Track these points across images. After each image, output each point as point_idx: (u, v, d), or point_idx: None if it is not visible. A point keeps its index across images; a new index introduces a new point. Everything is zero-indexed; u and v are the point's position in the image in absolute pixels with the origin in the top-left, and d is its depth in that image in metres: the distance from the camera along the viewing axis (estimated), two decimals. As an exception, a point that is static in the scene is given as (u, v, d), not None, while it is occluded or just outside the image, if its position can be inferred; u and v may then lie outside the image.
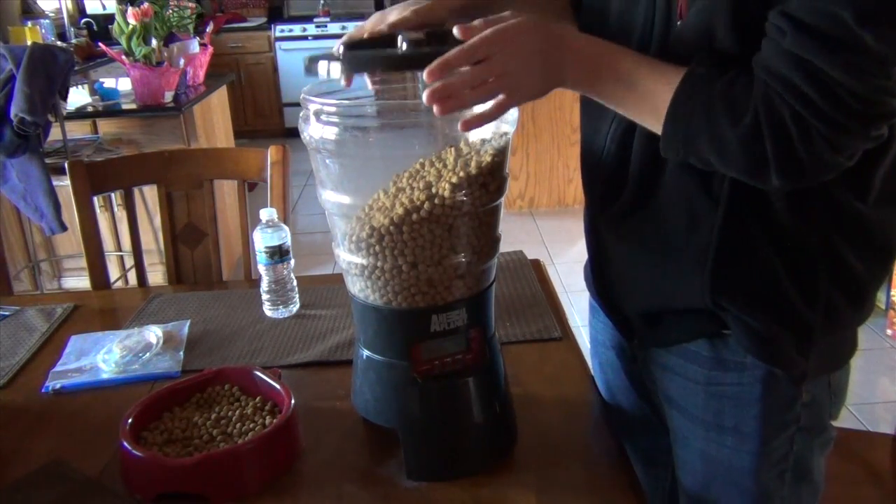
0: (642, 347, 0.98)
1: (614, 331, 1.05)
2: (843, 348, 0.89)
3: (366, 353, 0.91)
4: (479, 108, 0.75)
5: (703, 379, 0.89)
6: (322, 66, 0.81)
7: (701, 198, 0.81)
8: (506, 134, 0.86)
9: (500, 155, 0.85)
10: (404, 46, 0.81)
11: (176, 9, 3.36)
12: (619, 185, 0.89)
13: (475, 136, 0.85)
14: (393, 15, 0.91)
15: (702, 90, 0.73)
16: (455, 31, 0.76)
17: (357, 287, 0.89)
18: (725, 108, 0.72)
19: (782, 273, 0.81)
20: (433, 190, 0.81)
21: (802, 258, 0.81)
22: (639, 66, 0.77)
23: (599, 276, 1.00)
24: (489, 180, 0.84)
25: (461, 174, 0.81)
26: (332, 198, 0.87)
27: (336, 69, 0.80)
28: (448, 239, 0.83)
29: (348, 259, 0.87)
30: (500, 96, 0.75)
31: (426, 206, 0.80)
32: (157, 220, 1.79)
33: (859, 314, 0.87)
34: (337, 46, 0.87)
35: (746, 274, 0.82)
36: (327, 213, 0.90)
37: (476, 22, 0.76)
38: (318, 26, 5.98)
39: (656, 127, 0.77)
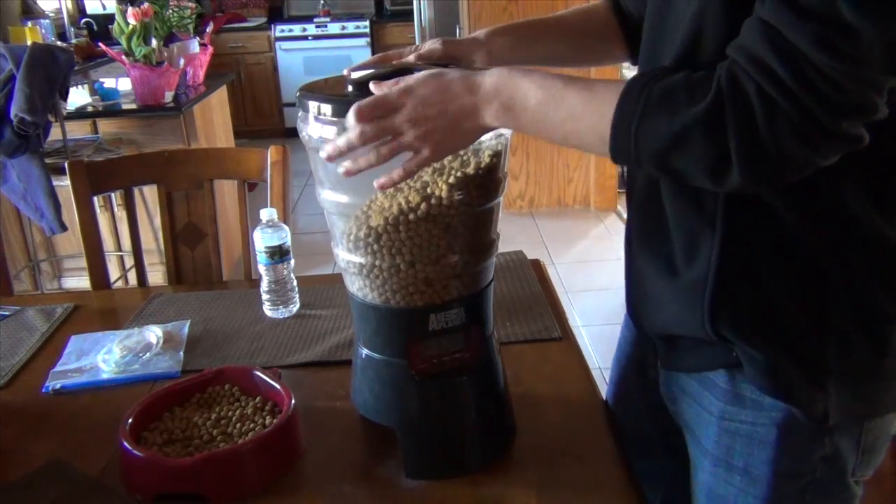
0: (663, 368, 0.92)
1: (638, 347, 1.01)
2: (876, 391, 0.79)
3: (365, 351, 0.91)
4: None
5: (716, 411, 0.83)
6: (312, 106, 0.81)
7: (695, 220, 0.76)
8: (503, 135, 0.86)
9: (498, 156, 0.85)
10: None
11: (176, 9, 3.35)
12: (630, 198, 0.88)
13: None
14: (425, 47, 0.91)
15: (657, 81, 0.67)
16: (371, 87, 0.77)
17: (356, 286, 0.89)
18: (685, 89, 0.65)
19: (789, 301, 0.75)
20: (429, 190, 0.81)
21: (812, 283, 0.74)
22: (567, 87, 0.72)
23: (629, 288, 0.96)
24: (486, 181, 0.84)
25: (458, 174, 0.81)
26: (330, 197, 0.87)
27: (328, 110, 0.80)
28: (445, 238, 0.83)
29: (346, 258, 0.87)
30: (424, 152, 0.74)
31: (423, 206, 0.80)
32: (157, 220, 1.79)
33: (884, 349, 0.77)
34: (346, 72, 0.88)
35: (749, 303, 0.76)
36: (326, 213, 0.90)
37: (390, 81, 0.77)
38: (318, 26, 5.98)
39: (600, 146, 0.70)
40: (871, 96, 0.62)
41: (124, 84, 3.26)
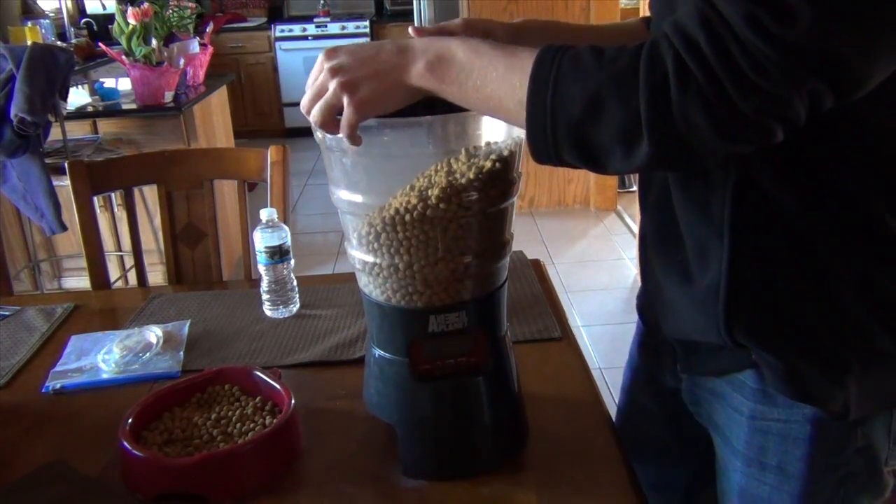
0: (684, 373, 0.91)
1: (652, 354, 1.00)
2: None
3: (374, 348, 0.91)
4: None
5: (747, 411, 0.82)
6: None
7: (704, 228, 0.76)
8: (513, 137, 0.84)
9: (503, 161, 0.82)
10: None
11: (176, 9, 3.36)
12: (644, 206, 0.87)
13: (490, 138, 0.83)
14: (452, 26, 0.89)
15: (570, 48, 0.66)
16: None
17: (363, 282, 0.89)
18: (600, 54, 0.64)
19: (804, 303, 0.74)
20: (428, 192, 0.81)
21: (825, 283, 0.73)
22: (496, 50, 0.71)
23: (646, 294, 0.95)
24: (489, 186, 0.82)
25: (456, 177, 0.80)
26: (346, 196, 0.86)
27: None
28: (444, 241, 0.82)
29: (354, 254, 0.87)
30: (346, 103, 0.73)
31: (419, 207, 0.80)
32: (157, 220, 1.80)
33: None
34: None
35: (763, 308, 0.76)
36: (340, 212, 0.89)
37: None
38: (318, 26, 5.98)
39: (520, 114, 0.68)
40: (792, 94, 0.59)
41: (124, 84, 3.26)
